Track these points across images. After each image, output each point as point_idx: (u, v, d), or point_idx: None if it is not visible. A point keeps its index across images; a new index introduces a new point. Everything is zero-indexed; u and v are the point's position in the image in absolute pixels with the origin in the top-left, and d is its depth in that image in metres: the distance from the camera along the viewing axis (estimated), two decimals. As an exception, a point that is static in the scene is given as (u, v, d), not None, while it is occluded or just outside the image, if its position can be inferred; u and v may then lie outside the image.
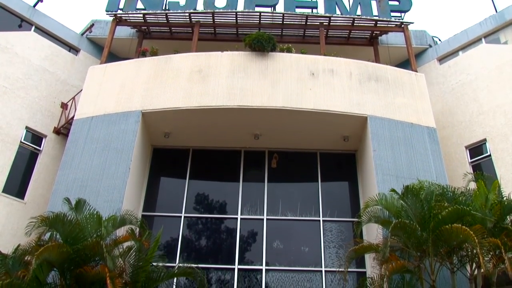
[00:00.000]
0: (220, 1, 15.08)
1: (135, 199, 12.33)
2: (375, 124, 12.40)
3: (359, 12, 15.14)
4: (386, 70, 13.59)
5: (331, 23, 15.11)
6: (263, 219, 12.68)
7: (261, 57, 13.38)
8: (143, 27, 15.56)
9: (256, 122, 12.91)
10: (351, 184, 13.49)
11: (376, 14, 15.13)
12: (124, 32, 15.78)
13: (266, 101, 12.54)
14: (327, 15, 14.98)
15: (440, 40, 17.02)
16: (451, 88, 14.99)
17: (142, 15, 15.15)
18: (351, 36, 15.75)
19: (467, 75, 14.72)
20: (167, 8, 15.34)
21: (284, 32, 15.65)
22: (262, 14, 15.08)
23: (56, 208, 9.70)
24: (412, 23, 15.10)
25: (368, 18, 15.04)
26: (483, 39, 15.27)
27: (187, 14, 14.91)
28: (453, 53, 15.82)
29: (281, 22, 15.23)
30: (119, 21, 15.12)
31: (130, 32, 15.93)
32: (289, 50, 13.95)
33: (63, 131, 14.24)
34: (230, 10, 14.94)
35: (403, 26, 15.04)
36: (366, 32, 15.64)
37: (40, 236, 8.70)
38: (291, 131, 13.18)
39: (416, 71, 13.97)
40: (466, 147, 13.80)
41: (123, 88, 13.03)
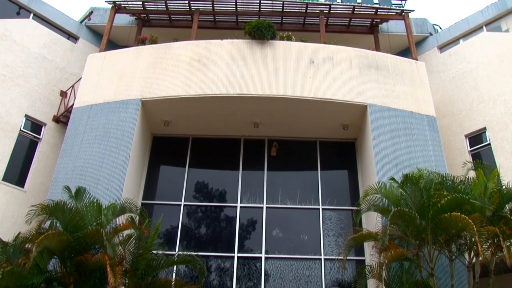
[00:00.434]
0: (220, -12, 15.00)
1: (135, 187, 12.36)
2: (375, 113, 12.38)
3: (359, 0, 15.05)
4: (386, 58, 13.54)
5: (331, 11, 15.02)
6: (262, 208, 12.72)
7: (261, 45, 13.32)
8: (142, 15, 15.47)
9: (255, 110, 12.89)
10: (351, 173, 13.51)
11: (377, 2, 15.09)
12: (123, 19, 15.70)
13: (266, 89, 12.50)
14: (327, 2, 14.92)
15: (440, 28, 16.94)
16: (452, 76, 14.95)
17: (141, 3, 15.05)
18: (351, 24, 15.66)
19: (468, 64, 14.67)
20: (166, -5, 15.25)
21: (284, 20, 15.56)
22: (262, 1, 14.98)
23: (56, 196, 9.72)
24: (413, 11, 15.04)
25: (369, 6, 14.97)
26: (484, 27, 15.18)
27: (187, 2, 14.82)
28: (453, 41, 15.74)
29: (281, 10, 15.15)
30: (118, 8, 15.02)
31: (129, 19, 15.84)
32: (289, 38, 13.88)
33: (62, 120, 14.22)
34: (230, -2, 14.86)
35: (403, 14, 14.96)
36: (367, 20, 15.55)
37: (40, 224, 8.70)
38: (290, 120, 13.17)
39: (417, 60, 13.92)
40: (466, 136, 13.80)
41: (122, 76, 12.99)
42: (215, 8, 15.04)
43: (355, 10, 15.03)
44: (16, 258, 8.27)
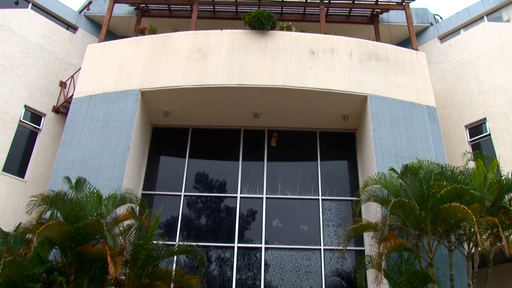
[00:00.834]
0: (220, -22, 14.91)
1: (135, 178, 12.38)
2: (375, 103, 12.37)
3: (360, -10, 14.97)
4: (386, 48, 13.50)
5: (331, 1, 14.92)
6: (262, 198, 12.74)
7: (260, 35, 13.26)
8: (141, 5, 15.38)
9: (255, 101, 12.87)
10: (351, 163, 13.52)
11: (377, -8, 14.96)
12: (122, 10, 15.60)
13: (265, 79, 12.48)
14: (328, -8, 14.82)
15: (441, 18, 16.84)
16: (452, 67, 14.91)
17: (140, -8, 14.97)
18: (351, 14, 15.57)
19: (468, 54, 14.62)
20: (165, -15, 15.16)
21: (284, 10, 15.47)
22: (262, -9, 14.91)
23: (56, 186, 9.75)
24: (414, 0, 14.93)
25: (369, -5, 14.89)
26: (485, 17, 15.11)
27: (186, -8, 14.74)
28: (454, 31, 15.67)
29: (281, 0, 15.05)
30: (117, -2, 14.95)
31: (128, 10, 15.74)
32: (289, 29, 13.82)
33: (62, 110, 14.21)
34: (229, -13, 14.78)
35: (404, 4, 14.88)
36: (367, 10, 15.47)
37: (41, 215, 8.73)
38: (290, 110, 13.16)
39: (417, 50, 13.88)
40: (466, 127, 13.79)
41: (122, 66, 12.95)
42: (215, -2, 14.97)
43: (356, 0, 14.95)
44: (17, 248, 8.30)
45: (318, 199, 12.74)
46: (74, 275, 8.33)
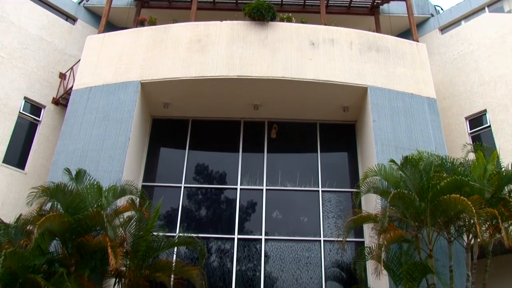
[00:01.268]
0: (219, -32, 14.81)
1: (135, 170, 12.38)
2: (375, 95, 12.34)
3: (360, -20, 14.89)
4: (387, 40, 13.44)
5: (332, -9, 14.87)
6: (262, 189, 12.76)
7: (260, 26, 13.21)
8: (141, -4, 15.31)
9: (255, 92, 12.84)
10: (350, 155, 13.52)
11: (378, -18, 14.88)
12: (121, 1, 15.52)
13: (265, 71, 12.44)
14: (328, -17, 14.74)
15: (442, 9, 16.78)
16: (453, 58, 14.86)
17: (139, -17, 14.88)
18: (352, 5, 15.48)
19: (469, 45, 14.57)
20: (165, -25, 15.07)
21: (284, 1, 15.38)
22: (262, -18, 14.80)
23: (56, 178, 9.75)
24: (414, -9, 14.89)
25: (370, -14, 14.81)
26: (486, 8, 15.04)
27: (186, -18, 14.66)
28: (455, 22, 15.60)
29: (281, -10, 14.99)
30: (116, -11, 14.86)
31: (128, 1, 15.65)
32: (289, 20, 13.75)
33: (62, 102, 14.19)
34: (229, -22, 14.69)
35: (405, -6, 14.80)
36: (367, 1, 15.37)
37: (41, 206, 8.77)
38: (290, 102, 13.13)
39: (418, 41, 13.82)
40: (466, 118, 13.78)
41: (121, 58, 12.91)
42: (215, -12, 14.88)
43: (356, -10, 14.89)
44: (18, 239, 8.34)
45: (318, 191, 12.76)
46: (74, 266, 8.38)
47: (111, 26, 15.19)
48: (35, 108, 13.85)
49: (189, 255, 11.76)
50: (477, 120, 13.63)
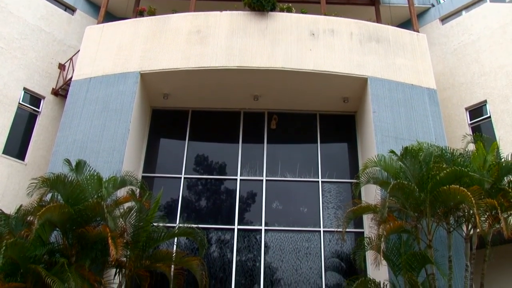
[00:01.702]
0: (219, -42, 14.66)
1: (135, 160, 12.39)
2: (375, 85, 12.32)
3: (361, -30, 14.79)
4: (387, 30, 13.38)
5: (332, -18, 14.76)
6: (262, 180, 12.77)
7: (260, 17, 13.14)
8: (140, -14, 15.20)
9: (255, 83, 12.81)
10: (350, 146, 13.52)
11: (379, -28, 14.78)
12: (121, -10, 15.45)
13: (265, 61, 12.41)
14: (328, -27, 14.62)
15: (443, -1, 16.71)
16: (453, 49, 14.81)
17: (139, -27, 14.77)
18: (352, -5, 15.43)
19: (470, 36, 14.51)
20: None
21: (284, -9, 15.31)
22: (261, -29, 14.70)
23: (56, 169, 9.77)
24: (415, -19, 14.80)
25: (370, -24, 14.71)
26: (487, -3, 14.99)
27: (185, -28, 14.54)
28: (456, 12, 15.54)
29: (281, -19, 14.88)
30: (115, -21, 14.78)
31: (127, -10, 15.58)
32: (289, 10, 13.67)
33: (61, 93, 14.17)
34: (229, -32, 14.55)
35: (405, -16, 14.72)
36: (368, -9, 15.32)
37: (41, 197, 8.78)
38: (290, 92, 13.10)
39: (418, 32, 13.75)
40: (466, 109, 13.77)
41: (120, 48, 12.87)
42: (214, -22, 14.77)
43: (357, -20, 14.80)
44: (19, 230, 8.37)
45: (318, 181, 12.77)
46: (75, 257, 8.42)
47: (110, 17, 15.11)
48: (34, 99, 13.84)
49: (189, 246, 11.80)
50: (477, 111, 13.62)
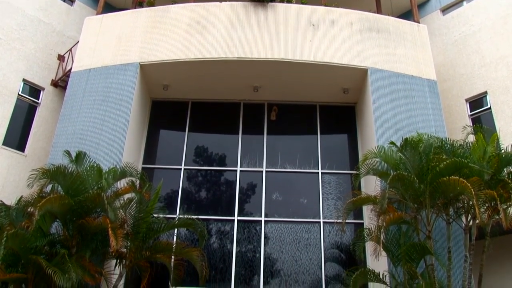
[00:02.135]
0: None
1: (135, 152, 12.39)
2: (376, 77, 12.29)
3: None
4: (387, 21, 13.33)
5: (332, -28, 14.67)
6: (262, 171, 12.78)
7: (260, 7, 13.08)
8: (139, -24, 15.11)
9: (255, 74, 12.78)
10: (350, 137, 13.51)
11: (379, -38, 14.66)
12: (120, -19, 15.37)
13: (265, 52, 12.37)
14: (329, -37, 14.53)
15: (444, -11, 16.58)
16: (454, 39, 14.75)
17: (138, -37, 14.67)
18: (352, -15, 15.32)
19: (471, 26, 14.45)
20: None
21: (284, -19, 15.22)
22: (261, -38, 14.60)
23: (56, 160, 9.78)
24: (416, -29, 14.67)
25: (371, -34, 14.60)
26: (489, -12, 14.86)
27: (185, -38, 14.45)
28: (457, 3, 15.43)
29: (281, -29, 14.78)
30: (114, -31, 14.69)
31: (126, -19, 15.49)
32: (289, 1, 13.61)
33: (61, 84, 14.13)
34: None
35: (406, -25, 14.63)
36: (369, -19, 15.21)
37: (41, 188, 8.80)
38: (290, 83, 13.08)
39: (419, 22, 13.69)
40: (467, 100, 13.73)
41: (120, 39, 12.82)
42: (214, -31, 14.67)
43: (357, -29, 14.68)
44: (19, 221, 8.40)
45: (318, 173, 12.79)
46: (76, 248, 8.45)
47: (110, 7, 15.06)
48: (34, 90, 13.81)
49: (189, 237, 11.84)
50: (477, 102, 13.59)
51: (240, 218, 12.16)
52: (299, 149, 13.26)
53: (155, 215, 9.75)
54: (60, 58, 14.53)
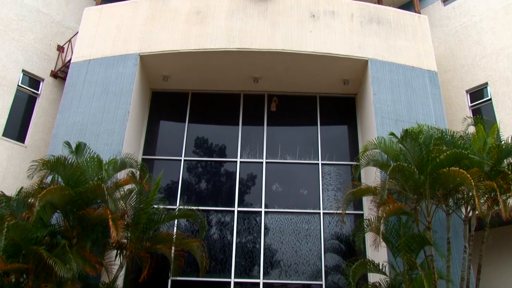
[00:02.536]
0: None
1: (135, 143, 12.39)
2: (376, 68, 12.26)
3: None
4: (388, 12, 13.26)
5: (333, -38, 14.56)
6: (262, 162, 12.79)
7: (260, -3, 13.04)
8: (138, -34, 15.01)
9: (255, 65, 12.75)
10: (350, 128, 13.51)
11: (380, -48, 14.57)
12: (119, -29, 15.24)
13: (265, 43, 12.33)
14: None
15: (445, -20, 16.49)
16: (455, 30, 14.69)
17: (137, -47, 14.56)
18: (353, -25, 15.22)
19: (472, 17, 14.37)
20: None
21: (285, -28, 15.12)
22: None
23: (56, 151, 9.77)
24: (417, -39, 14.57)
25: (372, -44, 14.50)
26: (490, -21, 14.78)
27: (184, -48, 14.35)
28: (458, -7, 15.37)
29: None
30: (113, -41, 14.57)
31: (125, -29, 15.38)
32: (289, -9, 13.54)
33: (60, 75, 14.10)
34: None
35: (407, -35, 14.55)
36: (369, -28, 15.12)
37: (42, 179, 8.80)
38: (290, 74, 13.05)
39: (419, 13, 13.64)
40: (467, 91, 13.70)
41: (120, 30, 12.77)
42: (214, -42, 14.57)
43: (358, -39, 14.58)
44: (20, 212, 8.39)
45: (318, 164, 12.79)
46: (76, 239, 8.46)
47: (109, -3, 14.99)
48: (33, 81, 13.78)
49: (189, 228, 11.87)
50: (478, 93, 13.56)
51: (240, 209, 12.19)
52: (299, 140, 13.26)
53: (155, 206, 9.77)
54: (60, 49, 14.48)
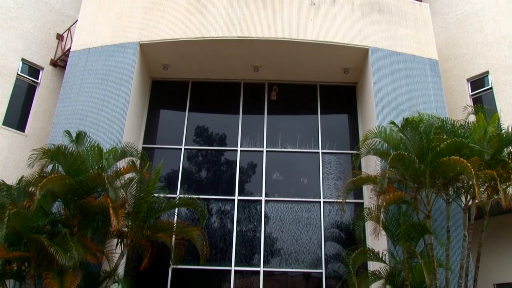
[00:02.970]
0: None
1: (135, 132, 12.38)
2: (376, 56, 12.21)
3: None
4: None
5: (334, -51, 14.45)
6: (262, 151, 12.80)
7: (261, -15, 12.94)
8: (138, -47, 14.89)
9: (255, 53, 12.69)
10: (351, 117, 13.49)
11: None
12: (118, -42, 15.11)
13: (266, 32, 12.26)
14: None
15: (447, -33, 16.34)
16: (456, 18, 14.60)
17: None
18: (354, -37, 15.10)
19: (474, 5, 14.27)
20: None
21: (285, -41, 15.00)
22: None
23: (57, 140, 9.78)
24: (419, -51, 14.45)
25: None
26: (492, -34, 14.65)
27: None
28: (460, -19, 15.25)
29: None
30: None
31: (124, -42, 15.25)
32: (290, -22, 13.44)
33: (60, 63, 14.06)
34: None
35: (409, -48, 14.40)
36: (371, -41, 14.99)
37: (42, 168, 8.82)
38: (291, 63, 13.00)
39: (421, 1, 13.57)
40: (468, 80, 13.66)
41: (120, 18, 12.69)
42: None
43: None
44: (21, 201, 8.43)
45: (318, 153, 12.80)
46: (77, 227, 8.50)
47: (108, -15, 14.86)
48: (33, 70, 13.74)
49: (190, 216, 11.91)
50: (479, 82, 13.51)
51: (240, 197, 12.21)
52: (300, 129, 13.25)
53: (156, 195, 9.79)
54: (59, 37, 14.43)
